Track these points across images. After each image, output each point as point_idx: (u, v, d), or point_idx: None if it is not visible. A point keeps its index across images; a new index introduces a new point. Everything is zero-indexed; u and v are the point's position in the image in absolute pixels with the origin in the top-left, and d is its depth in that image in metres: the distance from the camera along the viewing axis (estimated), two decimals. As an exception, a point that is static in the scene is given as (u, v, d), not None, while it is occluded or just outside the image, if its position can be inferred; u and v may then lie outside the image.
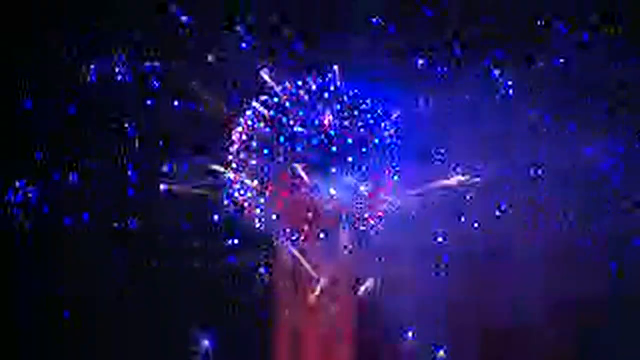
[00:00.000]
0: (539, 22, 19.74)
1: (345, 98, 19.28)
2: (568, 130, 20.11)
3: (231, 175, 19.36)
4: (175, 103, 19.59)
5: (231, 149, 19.50)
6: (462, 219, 20.27)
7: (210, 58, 19.57)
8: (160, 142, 19.94)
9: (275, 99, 19.29)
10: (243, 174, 19.26)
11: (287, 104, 19.15)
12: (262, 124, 19.11)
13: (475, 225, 20.42)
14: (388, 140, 19.39)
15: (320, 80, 19.40)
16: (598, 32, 19.69)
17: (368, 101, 19.47)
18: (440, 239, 20.25)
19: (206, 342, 20.38)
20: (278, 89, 19.39)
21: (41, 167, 20.23)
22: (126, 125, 19.97)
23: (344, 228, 19.43)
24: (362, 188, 19.01)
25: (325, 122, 18.73)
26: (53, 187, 20.18)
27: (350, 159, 18.81)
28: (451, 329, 20.66)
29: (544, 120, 20.17)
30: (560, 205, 20.41)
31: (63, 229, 20.19)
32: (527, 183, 20.31)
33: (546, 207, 20.41)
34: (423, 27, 19.69)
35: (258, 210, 19.49)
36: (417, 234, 20.11)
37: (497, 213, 20.47)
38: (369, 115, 19.34)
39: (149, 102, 19.76)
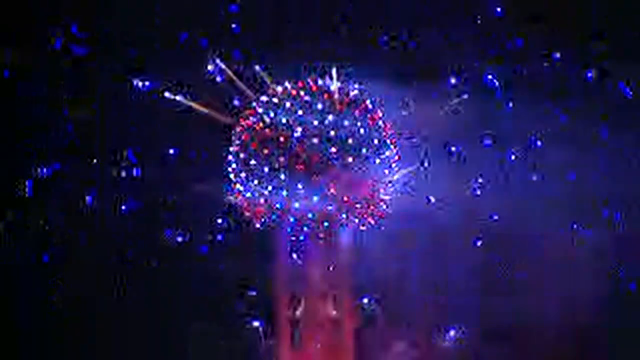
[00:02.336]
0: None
1: (345, 98, 19.27)
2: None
3: (231, 175, 19.37)
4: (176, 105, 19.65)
5: (231, 149, 19.49)
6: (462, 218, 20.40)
7: (210, 60, 19.66)
8: (161, 143, 20.07)
9: (275, 100, 19.27)
10: (243, 174, 19.24)
11: (287, 104, 19.12)
12: (262, 124, 19.09)
13: (475, 225, 20.54)
14: (387, 141, 19.40)
15: (321, 81, 19.39)
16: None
17: (368, 101, 19.45)
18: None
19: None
20: (278, 89, 19.39)
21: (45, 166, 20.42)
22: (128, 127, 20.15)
23: (344, 228, 19.46)
24: (361, 188, 19.03)
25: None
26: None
27: (350, 159, 18.78)
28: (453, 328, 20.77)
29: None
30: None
31: (63, 230, 20.31)
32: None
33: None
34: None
35: (258, 210, 19.49)
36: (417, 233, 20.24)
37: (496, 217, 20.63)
38: (368, 116, 19.33)
39: (150, 103, 19.86)
